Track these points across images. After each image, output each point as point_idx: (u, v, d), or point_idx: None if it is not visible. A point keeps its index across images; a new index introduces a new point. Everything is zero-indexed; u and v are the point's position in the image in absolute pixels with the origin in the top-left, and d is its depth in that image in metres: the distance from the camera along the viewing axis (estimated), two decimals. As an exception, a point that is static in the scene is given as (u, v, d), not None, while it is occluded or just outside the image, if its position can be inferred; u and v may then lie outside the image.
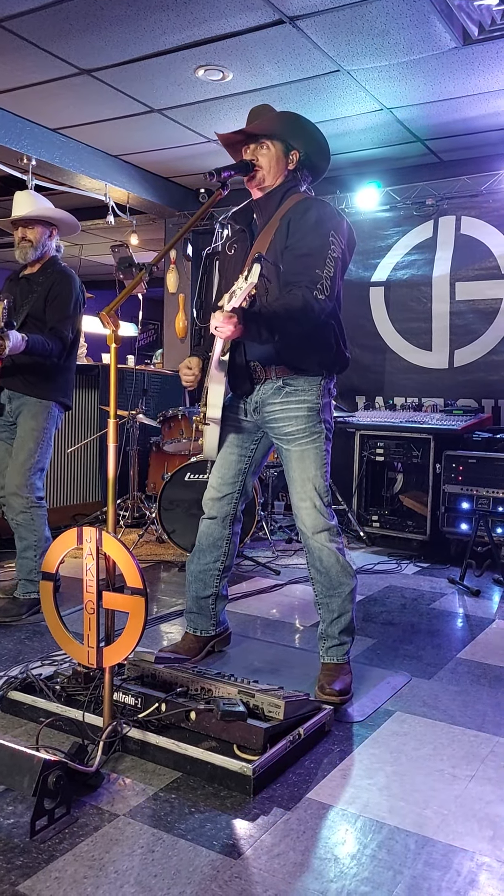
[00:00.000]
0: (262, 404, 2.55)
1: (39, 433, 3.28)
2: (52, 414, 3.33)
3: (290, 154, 2.53)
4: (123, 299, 2.08)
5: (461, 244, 5.31)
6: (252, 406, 2.58)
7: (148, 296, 5.55)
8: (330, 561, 2.49)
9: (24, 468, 3.24)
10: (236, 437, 2.66)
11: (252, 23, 3.68)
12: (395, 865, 1.64)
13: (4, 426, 3.38)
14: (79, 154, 5.55)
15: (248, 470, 2.69)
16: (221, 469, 2.69)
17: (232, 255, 2.63)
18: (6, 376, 3.27)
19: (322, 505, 2.49)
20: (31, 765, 1.72)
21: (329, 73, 4.21)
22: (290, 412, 2.50)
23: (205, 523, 2.74)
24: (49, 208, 3.40)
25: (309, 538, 2.50)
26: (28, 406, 3.29)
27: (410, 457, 4.87)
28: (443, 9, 3.48)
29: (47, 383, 3.30)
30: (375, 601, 3.77)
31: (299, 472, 2.50)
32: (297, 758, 2.07)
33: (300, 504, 2.51)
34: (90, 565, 2.00)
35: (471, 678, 2.74)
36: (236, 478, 2.68)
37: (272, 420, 2.54)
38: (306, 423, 2.50)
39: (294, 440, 2.50)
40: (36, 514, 3.26)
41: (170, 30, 3.78)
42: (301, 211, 2.45)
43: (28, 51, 4.06)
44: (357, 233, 2.56)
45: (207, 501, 2.72)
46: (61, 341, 3.25)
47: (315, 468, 2.49)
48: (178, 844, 1.69)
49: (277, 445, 2.59)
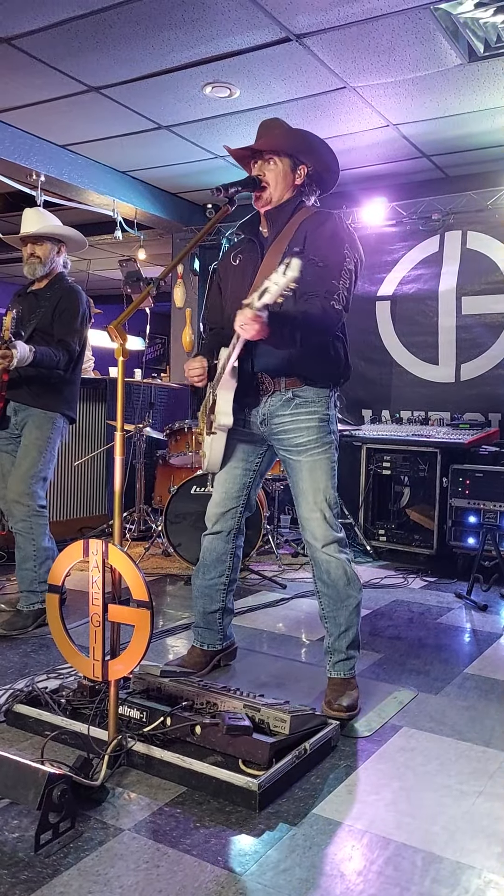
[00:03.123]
0: (270, 416, 2.54)
1: (44, 443, 3.29)
2: (58, 426, 3.35)
3: (297, 169, 2.52)
4: (131, 313, 2.09)
5: (467, 259, 5.32)
6: (259, 419, 2.56)
7: (155, 310, 5.57)
8: (338, 573, 2.48)
9: (26, 476, 3.25)
10: (241, 450, 2.65)
11: (259, 41, 3.73)
12: (402, 882, 1.62)
13: (9, 438, 3.39)
14: (87, 170, 5.60)
15: (252, 484, 2.69)
16: (226, 484, 2.68)
17: (238, 265, 2.61)
18: (13, 388, 3.29)
19: (332, 516, 2.48)
20: (35, 778, 1.71)
21: (335, 90, 4.24)
22: (300, 423, 2.49)
23: (208, 539, 2.73)
24: (58, 225, 3.44)
25: (317, 550, 2.49)
26: (34, 417, 3.31)
27: (417, 470, 4.86)
28: (448, 26, 3.51)
29: (53, 395, 3.32)
30: (382, 615, 3.75)
31: (310, 483, 2.49)
32: (303, 773, 2.06)
33: (310, 515, 2.49)
34: (96, 578, 2.00)
35: (478, 693, 2.72)
36: (241, 492, 2.67)
37: (281, 432, 2.53)
38: (317, 433, 2.49)
39: (305, 451, 2.49)
40: (36, 522, 3.26)
41: (177, 47, 3.83)
42: (318, 223, 2.45)
43: (37, 68, 4.12)
44: (363, 247, 2.57)
45: (211, 516, 2.71)
46: (68, 353, 3.28)
47: (326, 479, 2.49)
48: (182, 860, 1.67)
49: (285, 458, 2.57)
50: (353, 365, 2.64)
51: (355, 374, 2.73)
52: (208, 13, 3.49)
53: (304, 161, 2.52)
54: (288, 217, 2.52)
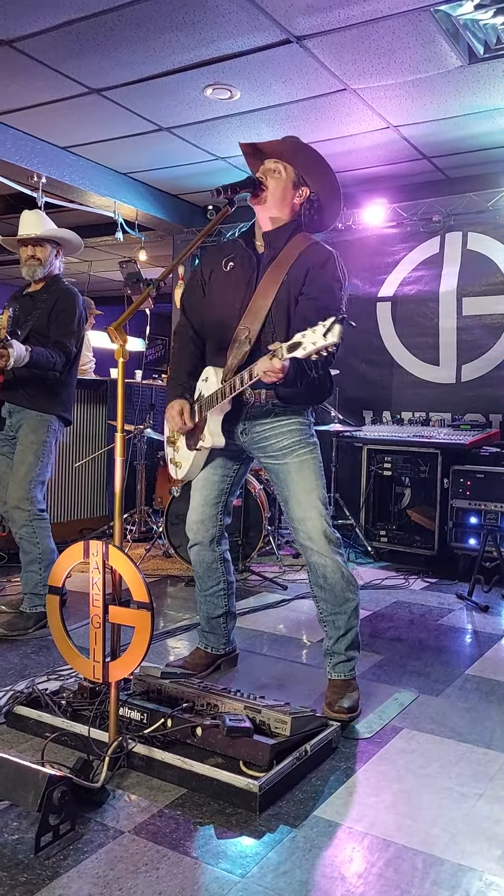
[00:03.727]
0: (251, 426, 2.54)
1: (40, 446, 3.29)
2: (53, 428, 3.34)
3: (299, 189, 2.51)
4: (131, 314, 2.09)
5: (468, 260, 5.33)
6: (240, 429, 2.56)
7: (156, 311, 5.58)
8: (335, 576, 2.47)
9: (24, 481, 3.25)
10: (220, 458, 2.66)
11: (260, 42, 3.73)
12: (403, 885, 1.62)
13: (5, 440, 3.40)
14: (88, 172, 5.61)
15: (229, 490, 2.70)
16: (204, 490, 2.68)
17: (229, 273, 2.56)
18: (8, 390, 3.29)
19: (326, 515, 2.48)
20: (36, 780, 1.71)
21: (336, 92, 4.24)
22: (282, 427, 2.50)
23: (194, 550, 2.73)
24: (58, 228, 3.44)
25: (314, 552, 2.47)
26: (29, 420, 3.30)
27: (418, 471, 4.86)
28: (448, 28, 3.51)
29: (49, 397, 3.32)
30: (383, 617, 3.75)
31: (301, 484, 2.48)
32: (303, 775, 2.06)
33: (304, 516, 2.47)
34: (97, 579, 2.00)
35: (479, 695, 2.72)
36: (219, 498, 2.68)
37: (262, 439, 2.53)
38: (300, 435, 2.50)
39: (291, 452, 2.49)
40: (38, 526, 3.27)
41: (178, 49, 3.83)
42: (319, 262, 2.45)
43: (39, 71, 4.12)
44: (364, 249, 2.58)
45: (192, 525, 2.70)
46: (65, 354, 3.28)
47: (316, 478, 2.48)
48: (183, 862, 1.67)
49: (270, 466, 2.55)
50: (354, 366, 2.65)
51: (356, 374, 2.73)
52: (209, 15, 3.49)
53: (307, 182, 2.51)
54: (285, 241, 2.50)
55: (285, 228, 2.52)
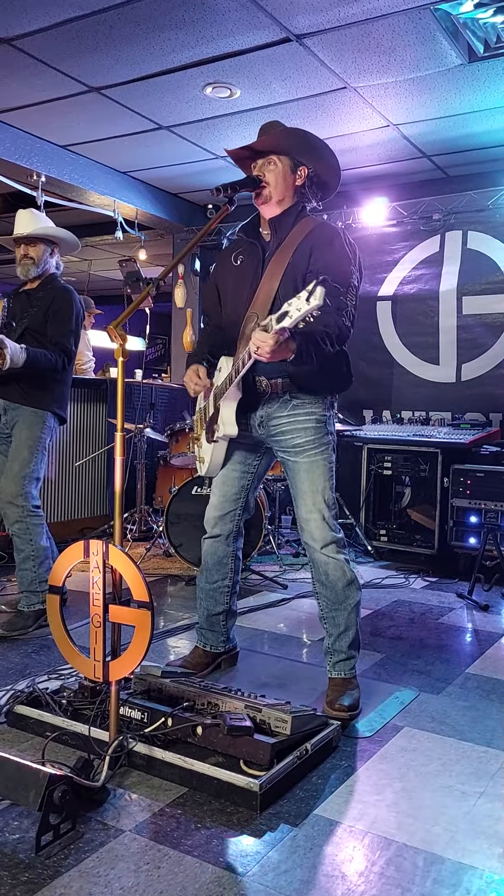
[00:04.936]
0: (268, 418, 2.54)
1: (34, 443, 3.29)
2: (48, 425, 3.34)
3: (297, 170, 2.51)
4: (131, 314, 2.09)
5: (468, 258, 5.32)
6: (257, 421, 2.56)
7: (156, 310, 5.57)
8: (336, 574, 2.48)
9: (18, 478, 3.24)
10: (239, 453, 2.65)
11: (259, 41, 3.73)
12: (404, 883, 1.62)
13: (0, 438, 3.39)
14: (88, 170, 5.60)
15: (250, 486, 2.69)
16: (224, 486, 2.68)
17: (238, 266, 2.59)
18: (2, 386, 3.28)
19: (330, 516, 2.48)
20: (36, 779, 1.71)
21: (336, 90, 4.24)
22: (298, 424, 2.49)
23: (207, 542, 2.73)
24: (52, 227, 3.43)
25: (316, 551, 2.49)
26: (23, 416, 3.30)
27: (418, 470, 4.86)
28: (448, 27, 3.51)
29: (44, 394, 3.32)
30: (383, 615, 3.75)
31: (308, 484, 2.49)
32: (304, 773, 2.06)
33: (308, 516, 2.49)
34: (97, 578, 2.00)
35: (480, 693, 2.72)
36: (239, 494, 2.68)
37: (279, 433, 2.53)
38: (315, 434, 2.49)
39: (303, 452, 2.49)
40: (31, 523, 3.26)
41: (178, 48, 3.83)
42: (325, 239, 2.44)
43: (38, 69, 4.12)
44: (364, 248, 2.57)
45: (210, 519, 2.71)
46: (65, 353, 3.28)
47: (324, 479, 2.49)
48: (184, 861, 1.67)
49: (283, 459, 2.57)
50: (354, 365, 2.64)
51: (356, 374, 2.71)
52: (209, 14, 3.49)
53: (304, 162, 2.51)
54: (291, 225, 2.50)
55: (291, 211, 2.52)
